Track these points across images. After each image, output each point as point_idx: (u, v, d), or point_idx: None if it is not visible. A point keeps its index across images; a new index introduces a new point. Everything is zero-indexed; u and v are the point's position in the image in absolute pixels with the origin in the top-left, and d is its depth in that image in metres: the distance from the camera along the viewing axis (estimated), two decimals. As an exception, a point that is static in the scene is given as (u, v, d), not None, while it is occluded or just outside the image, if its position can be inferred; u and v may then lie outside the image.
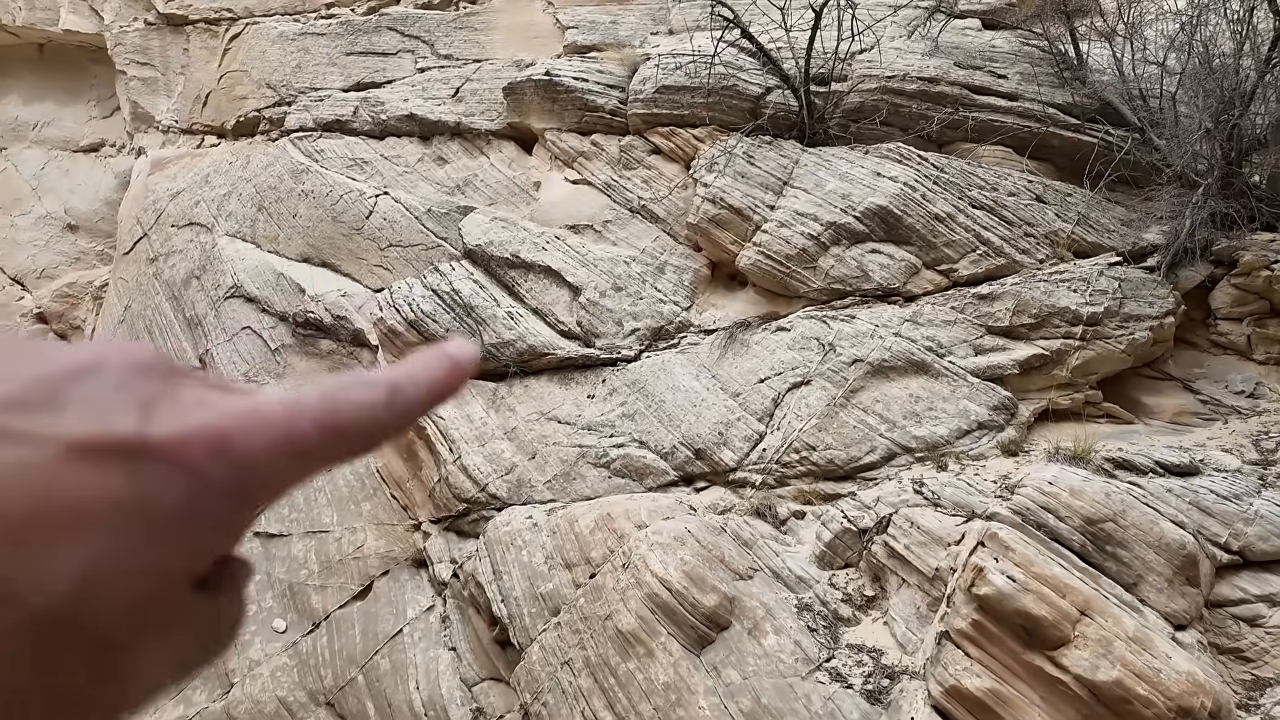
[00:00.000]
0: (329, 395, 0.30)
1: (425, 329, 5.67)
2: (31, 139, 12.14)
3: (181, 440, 0.27)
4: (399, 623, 4.27)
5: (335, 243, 7.91)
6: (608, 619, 3.31)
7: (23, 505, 0.24)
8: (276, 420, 0.29)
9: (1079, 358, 4.57)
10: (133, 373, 0.29)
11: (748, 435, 4.55)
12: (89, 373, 0.28)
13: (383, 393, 0.31)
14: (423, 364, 0.33)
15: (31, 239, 11.61)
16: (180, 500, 0.27)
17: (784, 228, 5.31)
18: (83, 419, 0.27)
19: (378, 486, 5.33)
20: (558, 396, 5.36)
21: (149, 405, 0.28)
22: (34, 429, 0.26)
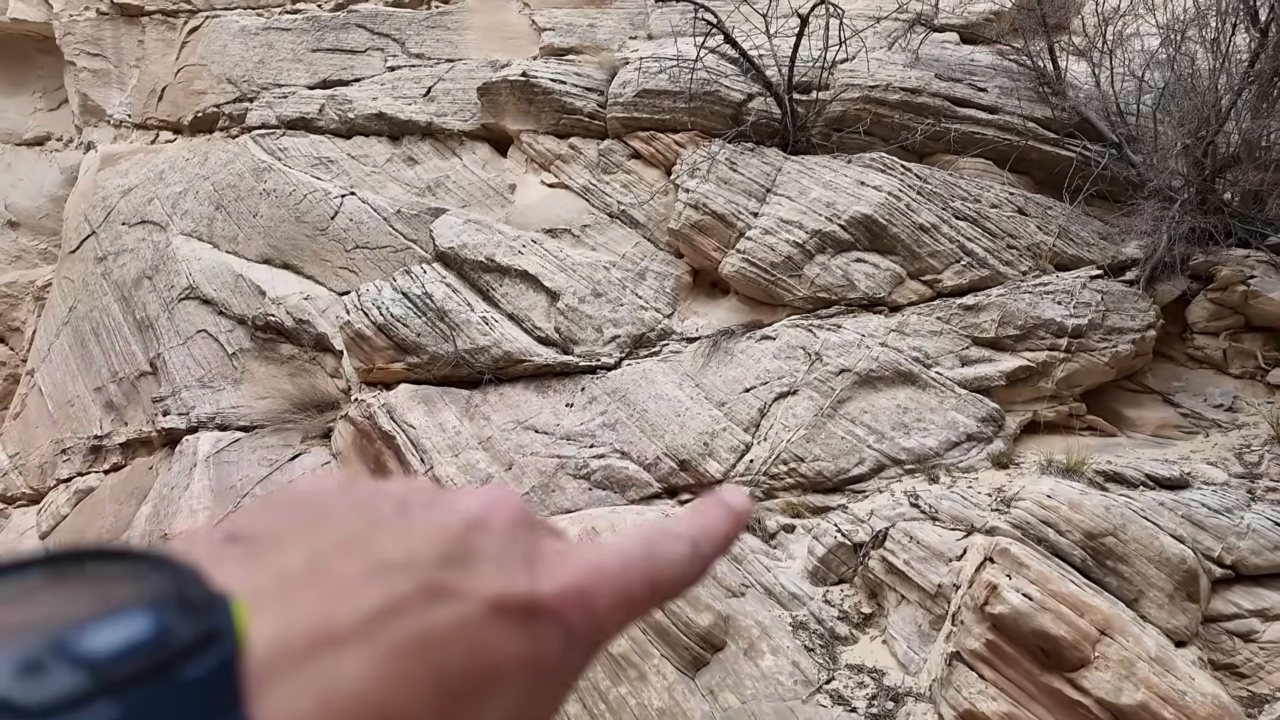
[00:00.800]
0: (650, 552, 0.32)
1: (395, 333, 5.43)
2: (-30, 130, 11.52)
3: (562, 598, 0.30)
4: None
5: (298, 244, 7.60)
6: (596, 640, 3.14)
7: (466, 659, 0.27)
8: (616, 576, 0.31)
9: (1064, 370, 4.56)
10: (515, 526, 0.31)
11: (734, 446, 4.43)
12: (484, 527, 0.31)
13: (688, 548, 0.33)
14: (712, 519, 0.35)
15: (-32, 235, 10.99)
16: (559, 654, 0.29)
17: (769, 235, 5.22)
18: (493, 575, 0.29)
19: (343, 498, 5.07)
20: (535, 405, 5.17)
21: (531, 560, 0.30)
22: (461, 584, 0.28)
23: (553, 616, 0.29)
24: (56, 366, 8.46)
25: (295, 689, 0.24)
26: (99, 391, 7.81)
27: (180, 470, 5.76)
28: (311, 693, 0.24)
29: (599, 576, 0.30)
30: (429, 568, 0.28)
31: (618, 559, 0.31)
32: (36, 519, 7.39)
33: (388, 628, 0.26)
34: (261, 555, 0.28)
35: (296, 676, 0.25)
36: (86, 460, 7.48)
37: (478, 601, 0.28)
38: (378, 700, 0.25)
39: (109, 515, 6.60)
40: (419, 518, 0.30)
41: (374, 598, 0.26)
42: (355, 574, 0.27)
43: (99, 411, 7.68)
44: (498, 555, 0.30)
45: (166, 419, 6.71)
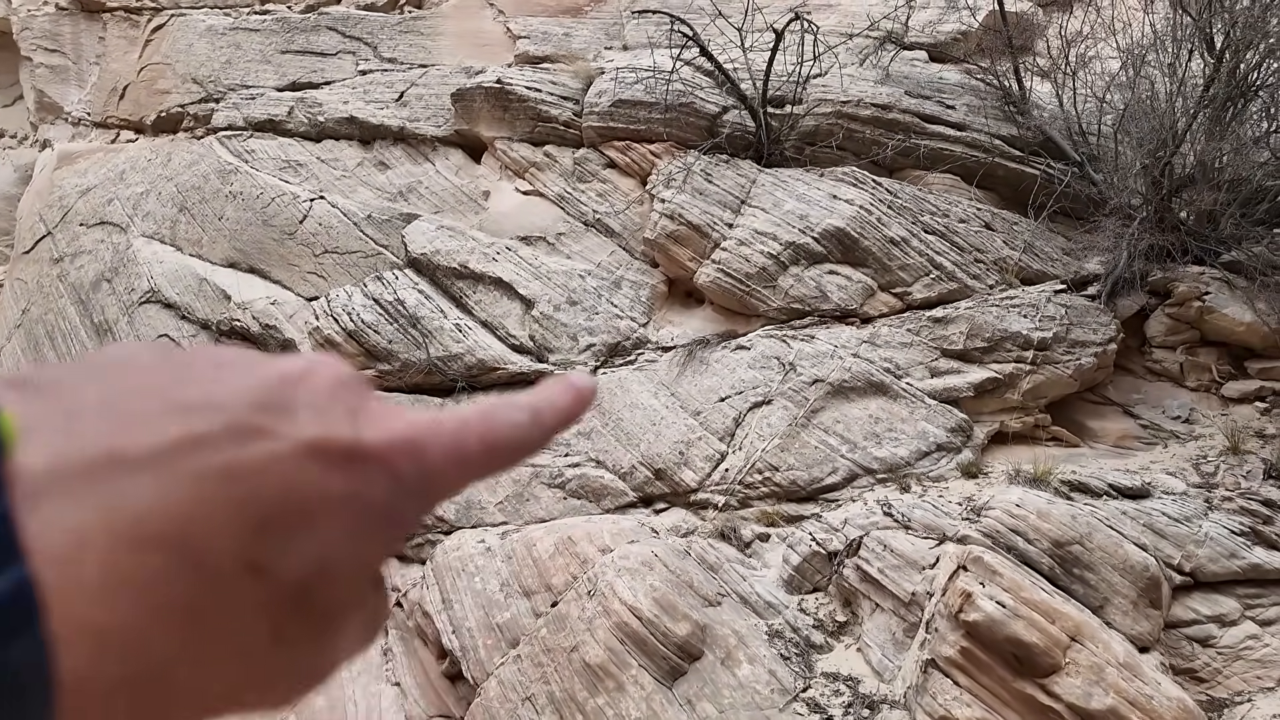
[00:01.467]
0: (487, 414, 0.33)
1: (365, 340, 5.36)
2: (-82, 125, 11.09)
3: (388, 446, 0.30)
4: (335, 657, 3.93)
5: (265, 248, 7.46)
6: (573, 651, 3.10)
7: (275, 494, 0.27)
8: (450, 433, 0.31)
9: (1030, 382, 4.67)
10: (340, 384, 0.31)
11: (709, 455, 4.44)
12: (304, 380, 0.31)
13: (527, 415, 0.33)
14: (556, 391, 0.35)
15: (-87, 234, 10.56)
16: (383, 499, 0.29)
17: (744, 246, 5.27)
18: (311, 421, 0.29)
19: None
20: (508, 413, 5.13)
21: (353, 412, 0.30)
22: (275, 427, 0.28)
23: (378, 463, 0.29)
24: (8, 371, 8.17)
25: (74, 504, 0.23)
26: (53, 397, 7.54)
27: (139, 479, 5.59)
28: (93, 508, 0.24)
29: (430, 431, 0.30)
30: (239, 410, 0.27)
31: (451, 418, 0.32)
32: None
33: (187, 457, 0.25)
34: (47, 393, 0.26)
35: (77, 493, 0.24)
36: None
37: (292, 442, 0.27)
38: (171, 521, 0.24)
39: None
40: (235, 372, 0.30)
41: (173, 430, 0.26)
42: (153, 410, 0.26)
43: (52, 418, 7.42)
44: (318, 406, 0.29)
45: (125, 426, 6.51)
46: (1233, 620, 3.27)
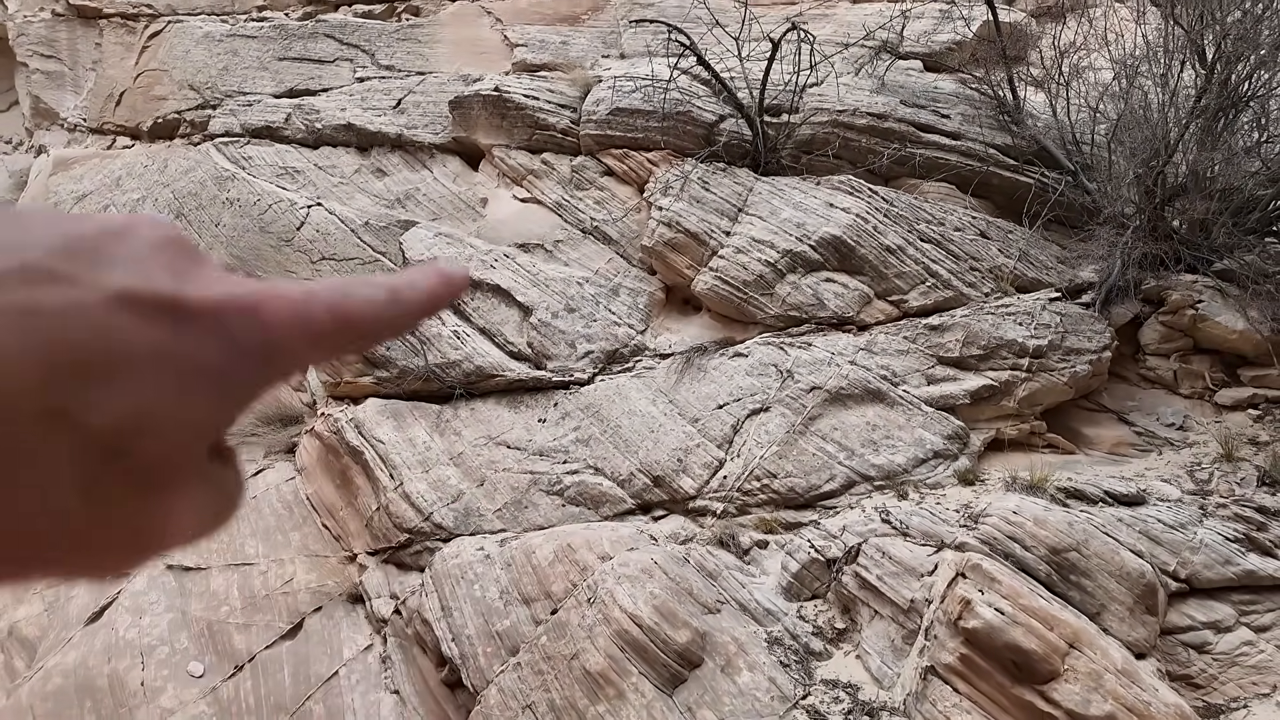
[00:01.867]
0: (340, 287, 0.32)
1: (364, 347, 5.36)
2: (-88, 130, 11.05)
3: (217, 304, 0.29)
4: (334, 664, 3.91)
5: (262, 254, 7.45)
6: (574, 658, 3.10)
7: (80, 340, 0.25)
8: (295, 300, 0.30)
9: (1025, 389, 4.70)
10: (167, 243, 0.30)
11: (707, 462, 4.46)
12: (124, 236, 0.29)
13: (385, 293, 0.33)
14: (420, 274, 0.34)
15: (-94, 239, 10.52)
16: (214, 359, 0.28)
17: (741, 254, 5.30)
18: (125, 273, 0.28)
19: (307, 515, 4.95)
20: (507, 420, 5.14)
21: (180, 272, 0.29)
22: (83, 275, 0.27)
23: (205, 320, 0.28)
24: None
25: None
26: (47, 404, 7.51)
27: (135, 486, 5.57)
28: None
29: (271, 295, 0.30)
30: (40, 254, 0.26)
31: (296, 287, 0.31)
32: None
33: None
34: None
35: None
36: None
37: (100, 291, 0.26)
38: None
39: (56, 533, 6.34)
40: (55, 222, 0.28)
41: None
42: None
43: (47, 425, 7.39)
44: (137, 260, 0.28)
45: (120, 433, 6.49)
46: (1228, 626, 3.29)
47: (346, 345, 0.32)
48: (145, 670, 3.90)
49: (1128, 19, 6.01)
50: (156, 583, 4.44)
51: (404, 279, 0.34)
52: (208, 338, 0.28)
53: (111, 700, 3.78)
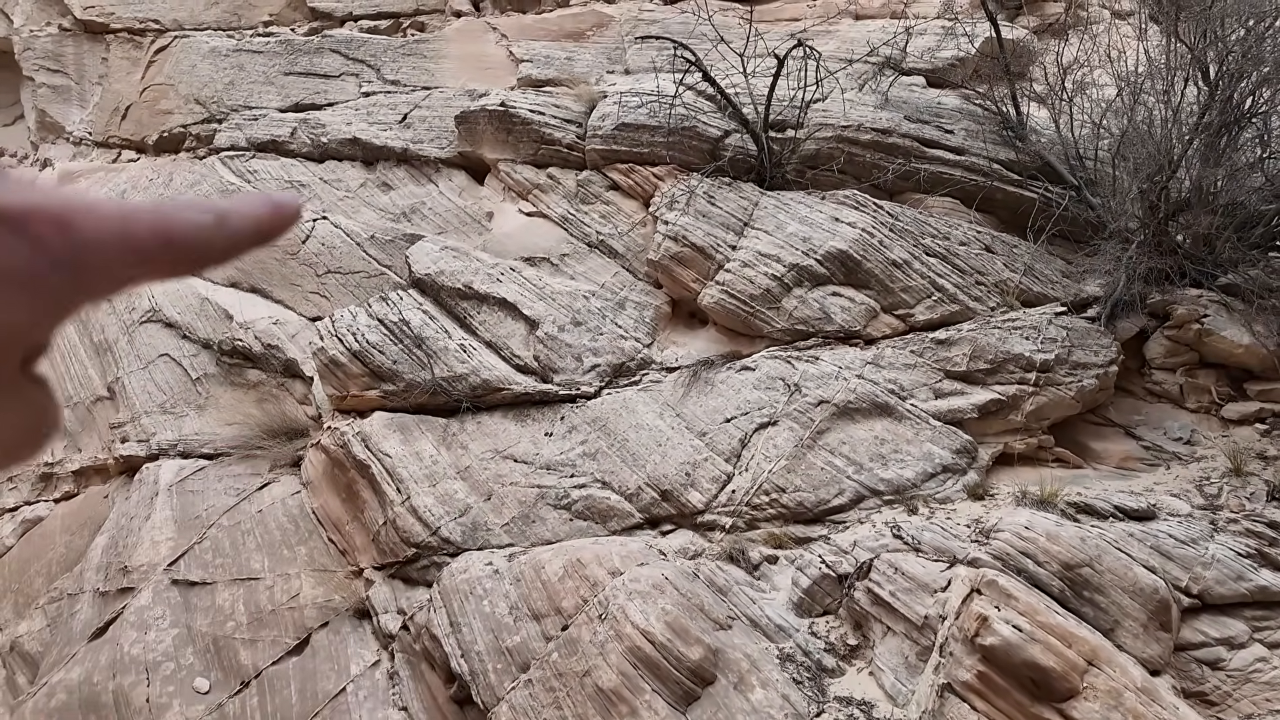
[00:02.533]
0: (164, 207, 0.31)
1: (370, 360, 5.36)
2: (-83, 143, 11.10)
3: (25, 210, 0.28)
4: (341, 680, 3.88)
5: (267, 267, 7.47)
6: (585, 675, 3.08)
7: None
8: (113, 215, 0.29)
9: (1033, 403, 4.70)
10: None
11: (715, 476, 4.45)
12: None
13: (211, 218, 0.32)
14: (250, 202, 0.34)
15: (-90, 252, 10.53)
16: (22, 264, 0.27)
17: (747, 268, 5.31)
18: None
19: (313, 529, 4.93)
20: (514, 434, 5.14)
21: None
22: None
23: (11, 225, 0.27)
24: None
25: None
26: (50, 417, 7.50)
27: (140, 499, 5.55)
28: None
29: (85, 208, 0.29)
30: None
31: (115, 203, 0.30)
32: (-22, 551, 7.01)
33: None
34: None
35: None
36: (35, 488, 7.15)
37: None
38: None
39: (59, 545, 6.31)
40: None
41: None
42: None
43: (50, 438, 7.37)
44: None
45: (125, 446, 6.47)
46: (1241, 643, 3.28)
47: (171, 266, 0.31)
48: (150, 686, 3.87)
49: (1130, 36, 6.07)
50: (162, 598, 4.41)
51: (234, 204, 0.33)
52: (15, 243, 0.27)
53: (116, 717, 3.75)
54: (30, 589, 6.27)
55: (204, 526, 4.98)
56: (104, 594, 4.77)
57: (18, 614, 6.12)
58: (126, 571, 4.74)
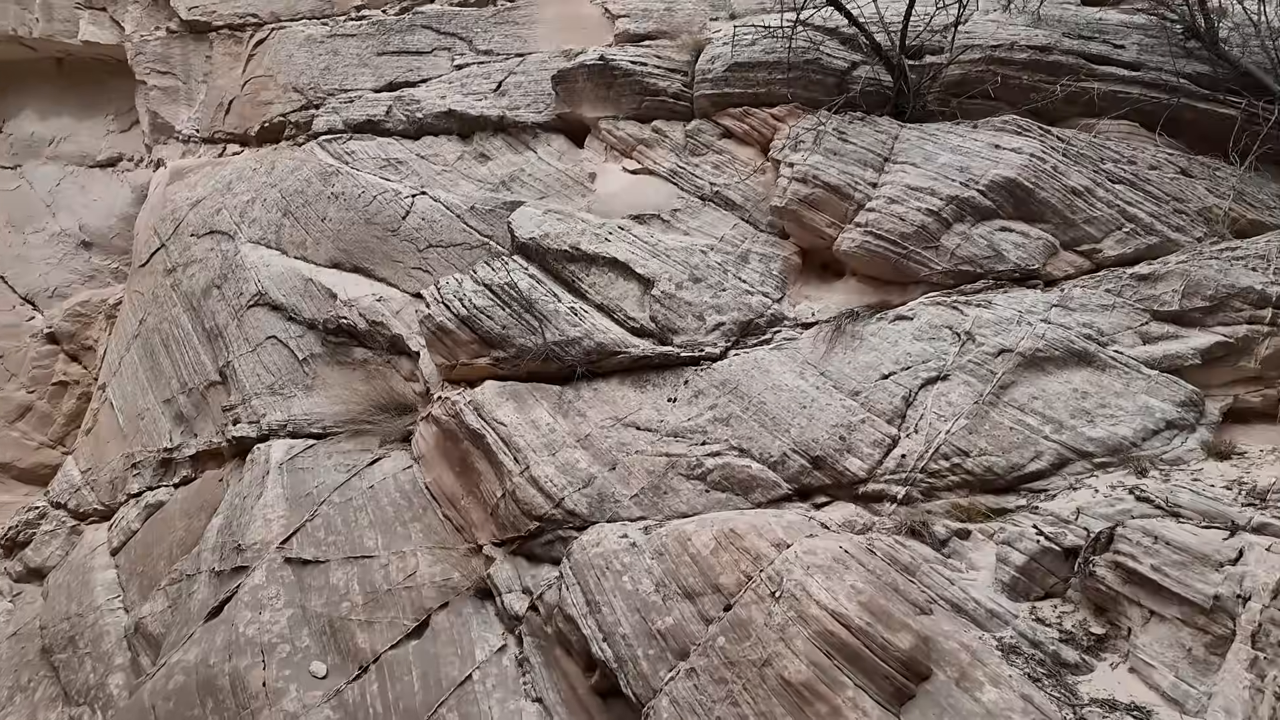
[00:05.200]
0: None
1: (479, 326, 4.99)
2: (47, 155, 11.70)
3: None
4: (465, 666, 3.50)
5: (368, 246, 7.30)
6: (765, 665, 2.56)
7: None
8: None
9: (1269, 346, 3.84)
10: None
11: (877, 440, 3.82)
12: None
13: None
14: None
15: (44, 257, 11.07)
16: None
17: (896, 204, 4.64)
18: None
19: (427, 505, 4.60)
20: (633, 400, 4.66)
21: None
22: None
23: None
24: (127, 380, 8.30)
25: None
26: (169, 403, 7.59)
27: (252, 480, 5.39)
28: None
29: None
30: None
31: None
32: (108, 535, 7.14)
33: None
34: None
35: None
36: (156, 474, 7.23)
37: None
38: None
39: (179, 529, 6.28)
40: None
41: None
42: None
43: (169, 424, 7.45)
44: None
45: (236, 428, 6.39)
46: None
47: None
48: (266, 670, 3.61)
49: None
50: (275, 577, 4.16)
51: None
52: None
53: (233, 701, 3.49)
54: (154, 572, 6.26)
55: (315, 504, 4.74)
56: (219, 574, 4.59)
57: (143, 596, 6.11)
58: (240, 550, 4.55)
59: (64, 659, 6.14)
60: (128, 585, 6.45)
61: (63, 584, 6.95)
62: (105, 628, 6.02)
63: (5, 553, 8.03)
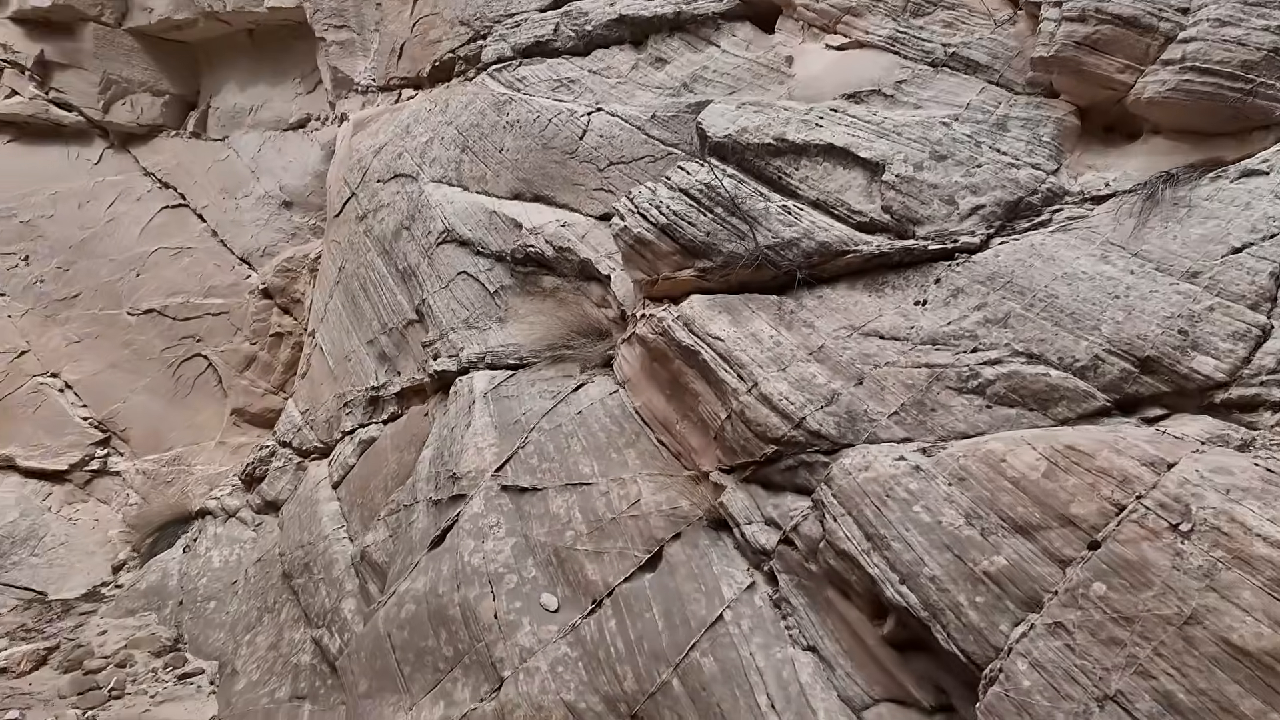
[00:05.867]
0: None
1: (681, 234, 4.46)
2: (248, 124, 12.56)
3: None
4: (714, 605, 3.10)
5: (547, 172, 6.99)
6: (1191, 624, 1.88)
7: None
8: None
9: None
10: None
11: (1237, 331, 2.87)
12: None
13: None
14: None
15: (254, 219, 11.99)
16: None
17: (1228, 26, 3.48)
18: None
19: (639, 431, 4.21)
20: (870, 306, 3.94)
21: None
22: None
23: None
24: (332, 325, 8.73)
25: None
26: (371, 344, 7.86)
27: (458, 410, 5.30)
28: None
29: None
30: None
31: None
32: (328, 470, 7.57)
33: None
34: None
35: None
36: (366, 411, 7.53)
37: None
38: None
39: (392, 462, 6.45)
40: None
41: None
42: None
43: (373, 363, 7.73)
44: None
45: (437, 363, 6.40)
46: None
47: None
48: (496, 601, 3.41)
49: None
50: (494, 505, 3.97)
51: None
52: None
53: (466, 633, 3.33)
54: (372, 503, 6.49)
55: (524, 431, 4.51)
56: (436, 503, 4.52)
57: (364, 526, 6.35)
58: (455, 479, 4.43)
59: (301, 583, 6.58)
60: (350, 516, 6.79)
61: (294, 515, 7.47)
62: (334, 555, 6.35)
63: (246, 487, 8.86)
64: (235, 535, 8.54)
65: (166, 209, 12.09)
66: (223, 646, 6.98)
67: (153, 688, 6.22)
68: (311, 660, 5.76)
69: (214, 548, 8.56)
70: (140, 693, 6.07)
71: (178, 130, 12.67)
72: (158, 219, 12.07)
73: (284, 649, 6.26)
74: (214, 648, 7.16)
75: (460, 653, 3.29)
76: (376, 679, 3.61)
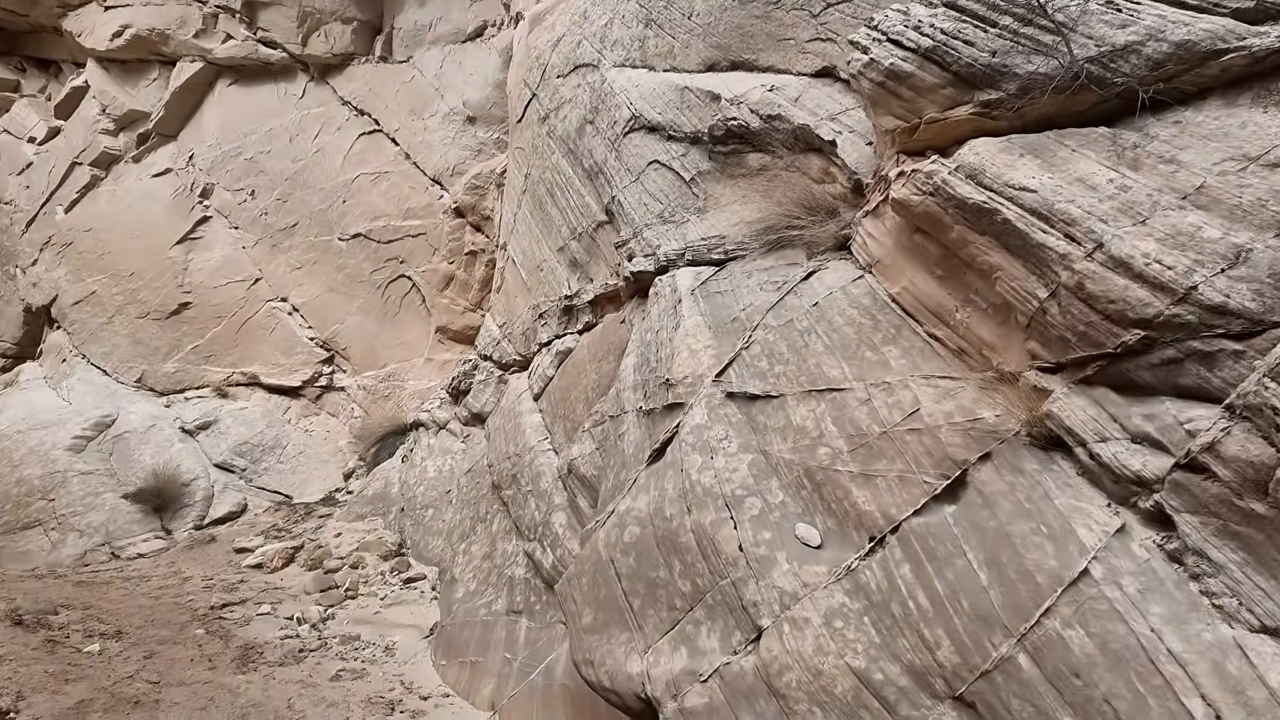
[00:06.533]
0: None
1: (954, 58, 3.32)
2: (429, 40, 12.47)
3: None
4: (1069, 554, 2.19)
5: (747, 31, 5.94)
6: None
7: None
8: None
9: None
10: None
11: None
12: None
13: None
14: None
15: (441, 138, 12.00)
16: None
17: None
18: None
19: (900, 322, 3.27)
20: (1266, 126, 2.65)
21: None
22: None
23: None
24: (522, 235, 8.43)
25: None
26: (562, 251, 7.44)
27: (661, 312, 4.63)
28: None
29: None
30: None
31: None
32: (528, 382, 7.38)
33: None
34: None
35: None
36: (560, 321, 7.18)
37: None
38: None
39: (590, 373, 6.02)
40: None
41: None
42: None
43: (565, 271, 7.32)
44: None
45: (632, 263, 5.77)
46: None
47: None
48: (739, 530, 2.75)
49: None
50: (719, 415, 3.26)
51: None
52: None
53: (705, 567, 2.71)
54: (574, 415, 6.12)
55: (746, 329, 3.74)
56: (649, 413, 3.92)
57: (568, 438, 6.01)
58: (669, 385, 3.79)
59: (510, 495, 6.45)
60: (553, 428, 6.52)
61: (499, 426, 7.38)
62: (540, 468, 6.11)
63: (453, 400, 9.02)
64: (446, 446, 8.76)
65: (363, 135, 12.44)
66: (441, 553, 7.15)
67: (382, 590, 6.46)
68: (525, 574, 5.60)
69: (428, 458, 8.86)
70: (371, 595, 6.32)
71: (367, 56, 12.89)
72: (356, 146, 12.47)
73: (498, 560, 6.20)
74: (433, 553, 7.38)
75: (700, 589, 2.69)
76: (601, 610, 3.15)
